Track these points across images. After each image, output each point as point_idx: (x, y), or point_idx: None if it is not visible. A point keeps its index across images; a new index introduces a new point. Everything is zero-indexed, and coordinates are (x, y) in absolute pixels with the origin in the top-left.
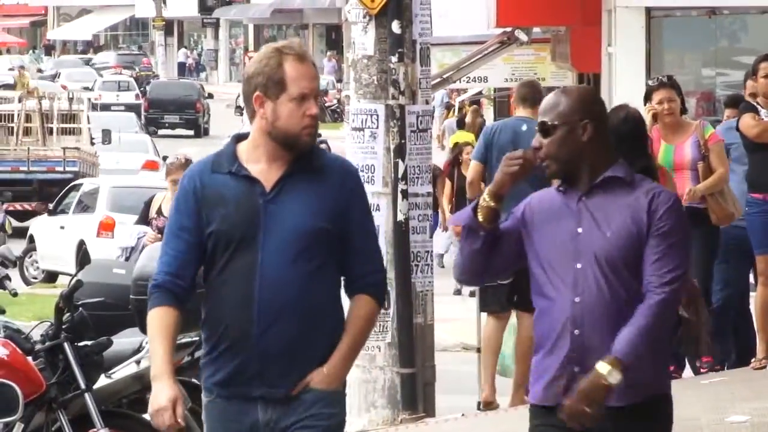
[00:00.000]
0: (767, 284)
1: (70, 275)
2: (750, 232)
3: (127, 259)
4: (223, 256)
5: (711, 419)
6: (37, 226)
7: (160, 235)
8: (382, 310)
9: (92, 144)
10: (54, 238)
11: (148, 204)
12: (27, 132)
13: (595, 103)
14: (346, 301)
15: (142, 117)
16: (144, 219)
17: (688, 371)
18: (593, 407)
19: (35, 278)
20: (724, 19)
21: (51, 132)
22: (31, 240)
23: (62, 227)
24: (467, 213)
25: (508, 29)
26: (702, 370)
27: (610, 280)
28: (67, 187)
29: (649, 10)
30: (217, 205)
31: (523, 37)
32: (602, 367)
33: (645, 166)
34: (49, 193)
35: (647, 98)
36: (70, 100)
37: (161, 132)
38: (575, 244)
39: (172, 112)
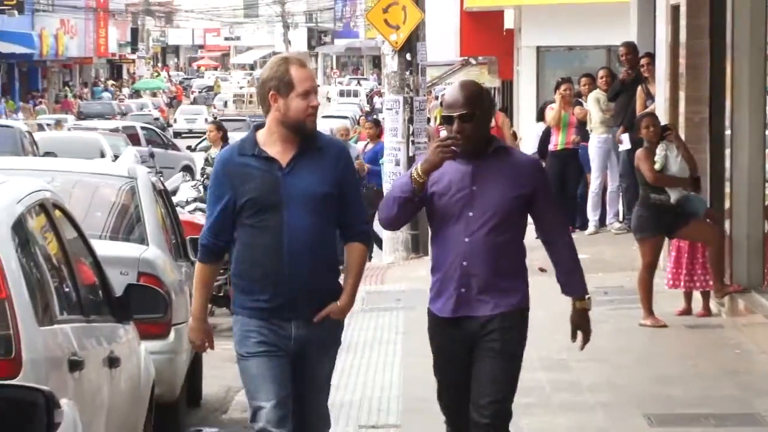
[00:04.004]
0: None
1: None
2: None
3: None
4: (254, 216)
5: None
6: None
7: None
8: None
9: None
10: None
11: None
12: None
13: (489, 94)
14: None
15: None
16: None
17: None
18: (589, 328)
19: None
20: (578, 52)
21: None
22: None
23: None
24: (408, 186)
25: (466, 57)
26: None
27: (495, 225)
28: None
29: (538, 48)
30: (247, 180)
31: (473, 60)
32: (580, 303)
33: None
34: None
35: (557, 87)
36: None
37: None
38: (470, 198)
39: None
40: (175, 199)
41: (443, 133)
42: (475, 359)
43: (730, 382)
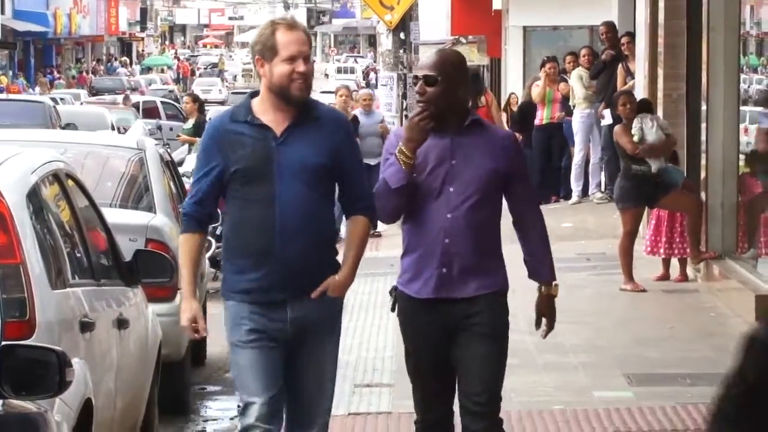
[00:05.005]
0: None
1: None
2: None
3: None
4: (243, 188)
5: (599, 223)
6: None
7: None
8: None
9: None
10: None
11: None
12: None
13: (467, 68)
14: None
15: None
16: None
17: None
18: (554, 316)
19: None
20: (562, 31)
21: None
22: None
23: None
24: (403, 173)
25: (456, 36)
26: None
27: (476, 200)
28: None
29: (525, 27)
30: (237, 147)
31: (463, 39)
32: (546, 289)
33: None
34: None
35: (542, 66)
36: None
37: None
38: (449, 173)
39: None
40: (181, 170)
41: None
42: (459, 344)
43: (706, 343)
